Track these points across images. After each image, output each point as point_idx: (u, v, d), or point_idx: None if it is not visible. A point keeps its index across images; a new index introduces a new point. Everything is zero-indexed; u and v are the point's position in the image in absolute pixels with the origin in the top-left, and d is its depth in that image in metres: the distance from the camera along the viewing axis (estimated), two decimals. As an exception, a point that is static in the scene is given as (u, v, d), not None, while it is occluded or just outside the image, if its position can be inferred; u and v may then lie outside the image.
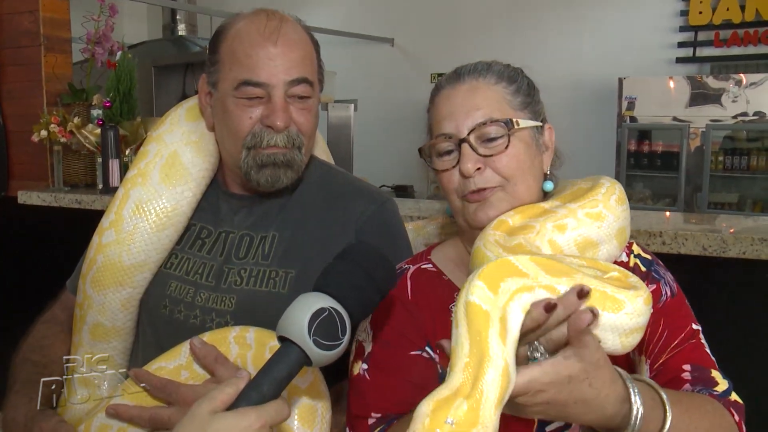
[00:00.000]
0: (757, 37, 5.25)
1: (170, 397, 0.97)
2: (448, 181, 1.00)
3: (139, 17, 7.21)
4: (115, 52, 2.84)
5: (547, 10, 6.04)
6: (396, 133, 6.82)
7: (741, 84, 4.91)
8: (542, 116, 1.04)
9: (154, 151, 1.18)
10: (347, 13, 7.00)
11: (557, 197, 1.01)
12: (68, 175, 2.82)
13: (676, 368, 0.93)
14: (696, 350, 0.96)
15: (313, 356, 0.76)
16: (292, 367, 0.76)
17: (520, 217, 0.96)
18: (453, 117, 0.98)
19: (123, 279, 1.14)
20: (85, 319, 1.17)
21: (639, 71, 5.43)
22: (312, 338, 0.75)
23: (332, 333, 0.77)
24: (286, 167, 1.13)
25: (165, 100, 5.01)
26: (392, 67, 6.85)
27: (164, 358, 1.03)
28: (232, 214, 1.21)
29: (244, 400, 0.73)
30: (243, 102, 1.11)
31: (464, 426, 0.65)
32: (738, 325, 1.56)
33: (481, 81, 1.00)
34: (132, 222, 1.14)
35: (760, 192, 4.99)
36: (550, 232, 0.92)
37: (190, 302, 1.14)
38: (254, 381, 0.75)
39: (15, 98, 2.94)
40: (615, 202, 0.97)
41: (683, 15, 5.50)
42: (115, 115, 2.66)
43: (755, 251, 1.46)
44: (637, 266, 1.01)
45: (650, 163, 5.28)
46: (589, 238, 0.93)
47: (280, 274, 1.13)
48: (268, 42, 1.10)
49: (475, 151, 0.96)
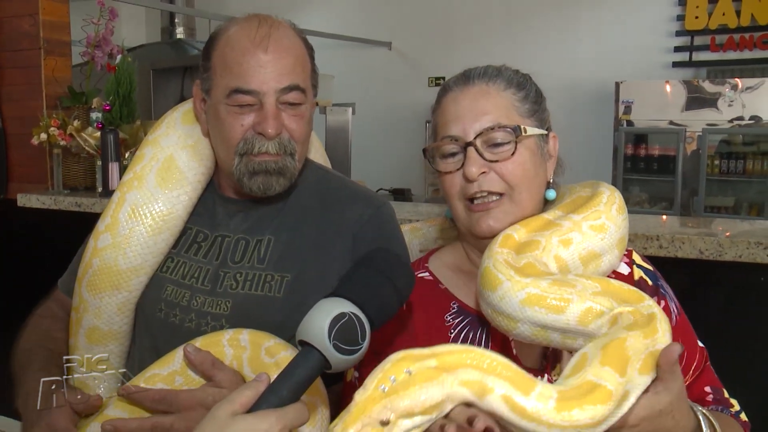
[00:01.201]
0: (752, 42, 5.28)
1: (171, 407, 0.96)
2: (450, 184, 1.01)
3: (137, 20, 7.22)
4: (114, 56, 2.85)
5: (544, 14, 6.06)
6: (394, 137, 6.84)
7: (737, 88, 4.94)
8: (547, 124, 1.04)
9: (150, 154, 1.19)
10: (345, 16, 7.02)
11: (558, 206, 1.01)
12: (67, 178, 2.82)
13: (699, 391, 0.96)
14: (709, 371, 0.98)
15: (333, 360, 0.77)
16: (312, 371, 0.77)
17: (526, 231, 0.96)
18: (460, 120, 0.98)
19: (119, 283, 1.14)
20: (81, 322, 1.17)
21: (636, 75, 5.46)
22: (332, 342, 0.76)
23: (352, 338, 0.77)
24: (278, 174, 1.13)
25: (163, 103, 5.01)
26: (390, 70, 6.87)
27: (157, 366, 1.03)
28: (228, 218, 1.21)
29: (263, 403, 0.74)
30: (234, 109, 1.10)
31: (421, 378, 0.67)
32: (734, 328, 1.57)
33: (491, 86, 1.00)
34: (128, 226, 1.14)
35: (756, 196, 5.01)
36: (556, 247, 0.92)
37: (185, 306, 1.14)
38: (274, 384, 0.76)
39: (14, 101, 2.95)
40: (616, 211, 0.97)
41: (680, 19, 5.52)
42: (115, 119, 2.67)
43: (751, 254, 1.48)
44: (643, 280, 1.01)
45: (647, 167, 5.30)
46: (593, 251, 0.94)
47: (275, 278, 1.13)
48: (258, 49, 1.09)
49: (481, 155, 0.96)
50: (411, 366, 0.69)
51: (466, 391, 0.68)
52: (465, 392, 0.68)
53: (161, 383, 1.00)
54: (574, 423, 0.66)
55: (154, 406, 0.97)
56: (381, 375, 0.69)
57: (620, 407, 0.69)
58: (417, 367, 0.69)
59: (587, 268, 0.94)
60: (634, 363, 0.70)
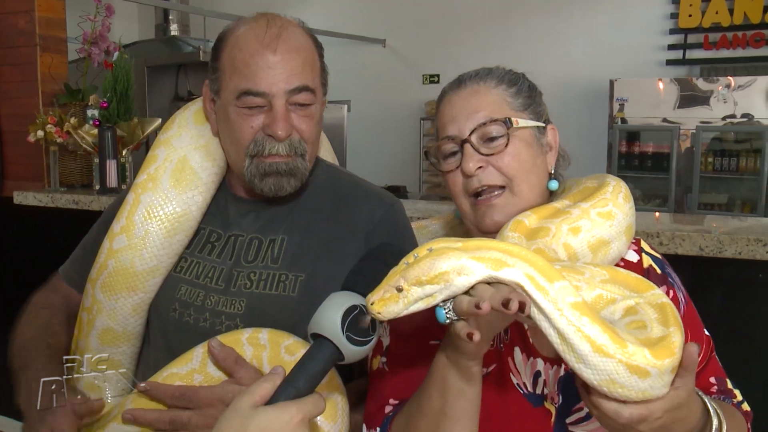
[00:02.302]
0: (745, 40, 5.33)
1: (191, 403, 0.97)
2: (453, 182, 1.03)
3: (130, 17, 7.17)
4: (111, 53, 2.83)
5: (539, 12, 6.08)
6: (389, 134, 6.85)
7: (730, 86, 4.98)
8: (545, 117, 1.06)
9: (164, 155, 1.18)
10: (339, 13, 7.00)
11: (566, 196, 1.03)
12: (64, 176, 2.81)
13: (705, 381, 0.98)
14: (714, 361, 1.00)
15: (346, 351, 0.79)
16: (326, 362, 0.79)
17: (536, 217, 0.97)
18: (456, 120, 1.02)
19: (135, 284, 1.14)
20: (94, 323, 1.16)
21: (630, 73, 5.50)
22: (345, 334, 0.78)
23: (364, 329, 0.80)
24: (289, 176, 1.13)
25: (158, 100, 4.99)
26: (384, 68, 6.88)
27: (176, 364, 1.03)
28: (241, 217, 1.21)
29: (282, 394, 0.76)
30: (244, 111, 1.10)
31: (436, 253, 0.75)
32: (733, 324, 1.59)
33: (482, 85, 1.03)
34: (143, 227, 1.14)
35: (748, 193, 5.06)
36: (565, 235, 0.94)
37: (200, 305, 1.14)
38: (290, 377, 0.78)
39: (10, 98, 2.93)
40: (623, 199, 0.99)
41: (673, 18, 5.56)
42: (112, 116, 2.66)
43: (750, 251, 1.49)
44: (651, 268, 1.03)
45: (641, 165, 5.34)
46: (602, 238, 0.95)
47: (289, 278, 1.14)
48: (267, 50, 1.09)
49: (477, 150, 0.99)
50: (434, 245, 0.76)
51: (479, 265, 0.73)
52: (476, 265, 0.73)
53: (180, 382, 1.00)
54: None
55: (174, 402, 0.98)
56: (410, 254, 0.77)
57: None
58: (439, 246, 0.76)
59: (596, 255, 0.95)
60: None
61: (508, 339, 0.99)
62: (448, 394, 0.85)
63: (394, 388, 0.98)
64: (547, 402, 0.96)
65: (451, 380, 0.85)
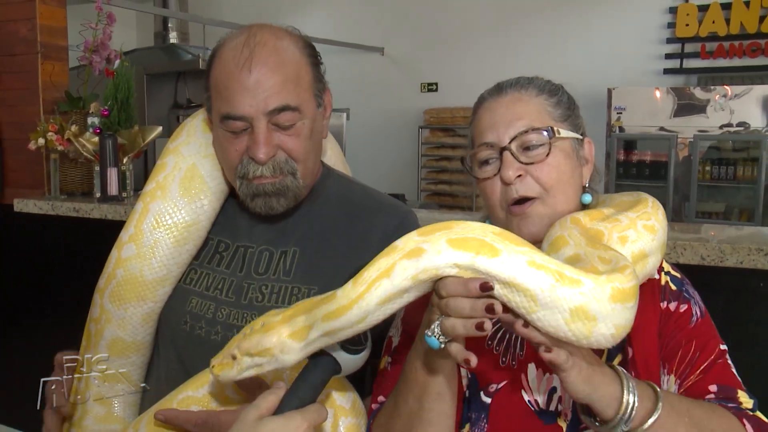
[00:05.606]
0: (742, 50, 5.37)
1: (213, 428, 0.95)
2: (491, 191, 1.01)
3: (128, 25, 7.19)
4: (112, 61, 2.83)
5: (537, 21, 6.12)
6: (387, 142, 6.87)
7: (727, 95, 5.01)
8: (582, 129, 1.05)
9: (173, 164, 1.17)
10: (337, 21, 7.03)
11: (603, 208, 1.01)
12: (65, 183, 2.80)
13: (703, 388, 0.95)
14: (723, 370, 0.98)
15: (342, 361, 0.83)
16: (324, 373, 0.83)
17: (589, 218, 0.96)
18: (495, 127, 1.00)
19: (144, 293, 1.13)
20: (103, 333, 1.15)
21: (627, 82, 5.53)
22: (339, 343, 0.82)
23: (356, 338, 0.83)
24: (278, 195, 1.12)
25: (157, 108, 5.00)
26: (383, 75, 6.90)
27: (190, 386, 1.01)
28: (250, 228, 1.20)
29: (286, 405, 0.80)
30: (228, 135, 1.10)
31: (265, 328, 0.84)
32: (734, 333, 1.59)
33: (523, 93, 1.02)
34: (152, 236, 1.13)
35: (746, 201, 5.08)
36: (615, 243, 0.93)
37: (211, 318, 1.14)
38: (292, 389, 0.82)
39: (11, 106, 2.92)
40: (662, 216, 0.98)
41: (670, 27, 5.60)
42: (113, 124, 2.66)
43: (752, 260, 1.50)
44: (668, 285, 1.02)
45: (639, 173, 5.36)
46: (643, 251, 0.94)
47: (302, 291, 1.13)
48: (242, 71, 1.05)
49: (517, 158, 0.97)
50: (266, 320, 0.85)
51: (291, 341, 0.81)
52: (290, 342, 0.81)
53: (195, 406, 0.99)
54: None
55: (198, 430, 0.96)
56: (251, 323, 0.86)
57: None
58: (267, 320, 0.84)
59: (635, 267, 0.94)
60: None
61: (523, 356, 0.98)
62: (425, 400, 0.87)
63: (387, 387, 0.99)
64: (560, 419, 0.95)
65: (431, 385, 0.86)
